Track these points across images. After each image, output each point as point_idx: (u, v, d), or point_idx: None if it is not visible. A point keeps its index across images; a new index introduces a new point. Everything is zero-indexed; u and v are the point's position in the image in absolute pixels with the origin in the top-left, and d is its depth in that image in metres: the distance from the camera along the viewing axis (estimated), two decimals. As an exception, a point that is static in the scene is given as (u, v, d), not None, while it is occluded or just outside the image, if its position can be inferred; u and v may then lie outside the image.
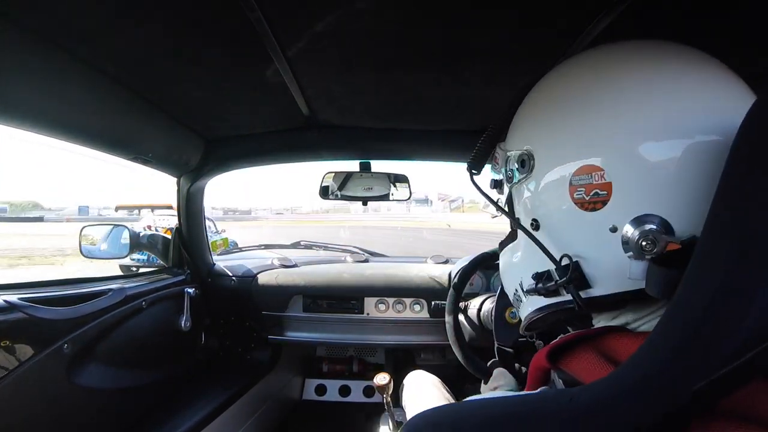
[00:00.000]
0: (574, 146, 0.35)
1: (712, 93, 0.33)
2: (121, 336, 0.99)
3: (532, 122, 0.41)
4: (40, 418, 0.77)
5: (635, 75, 0.35)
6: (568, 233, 0.37)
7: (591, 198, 0.34)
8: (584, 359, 0.34)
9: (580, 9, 0.54)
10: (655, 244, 0.31)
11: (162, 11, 0.57)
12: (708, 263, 0.26)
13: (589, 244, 0.36)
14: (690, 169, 0.31)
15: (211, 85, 0.82)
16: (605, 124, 0.34)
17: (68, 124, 0.76)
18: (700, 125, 0.32)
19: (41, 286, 0.86)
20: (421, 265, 1.58)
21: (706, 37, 0.58)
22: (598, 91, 0.35)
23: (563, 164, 0.36)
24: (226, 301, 1.47)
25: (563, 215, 0.37)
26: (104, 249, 1.31)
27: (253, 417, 1.38)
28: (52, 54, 0.63)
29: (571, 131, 0.36)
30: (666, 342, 0.26)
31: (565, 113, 0.37)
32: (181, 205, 1.32)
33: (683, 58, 0.36)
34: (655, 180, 0.32)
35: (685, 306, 0.26)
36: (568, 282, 0.36)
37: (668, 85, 0.33)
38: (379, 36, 0.63)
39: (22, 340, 0.73)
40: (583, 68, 0.39)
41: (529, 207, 0.40)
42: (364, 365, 1.83)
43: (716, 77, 0.35)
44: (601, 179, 0.33)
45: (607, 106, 0.34)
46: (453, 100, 0.89)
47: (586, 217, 0.35)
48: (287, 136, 1.15)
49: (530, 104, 0.42)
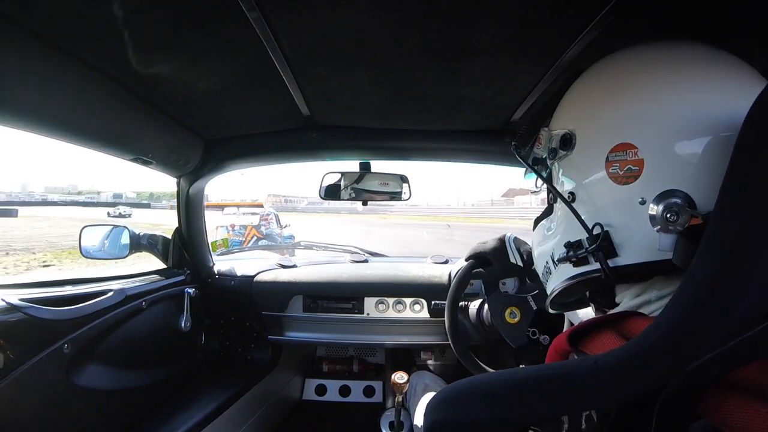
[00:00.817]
0: (613, 127, 0.40)
1: (736, 91, 0.38)
2: (121, 336, 0.99)
3: (576, 107, 0.46)
4: (40, 418, 0.77)
5: (671, 72, 0.40)
6: (602, 205, 0.41)
7: (624, 173, 0.39)
8: (605, 339, 0.37)
9: (580, 9, 0.54)
10: (679, 216, 0.35)
11: (162, 11, 0.57)
12: (714, 241, 0.29)
13: (619, 215, 0.39)
14: (713, 154, 0.35)
15: (211, 85, 0.82)
16: (642, 110, 0.39)
17: (68, 124, 0.76)
18: (723, 119, 0.35)
19: (41, 286, 0.86)
20: (421, 265, 1.58)
21: (708, 33, 0.58)
22: (637, 83, 0.41)
23: (602, 143, 0.40)
24: (226, 302, 1.46)
25: (598, 188, 0.41)
26: (104, 249, 1.31)
27: (253, 417, 1.38)
28: (52, 54, 0.63)
29: (610, 115, 0.41)
30: (678, 310, 0.29)
31: (606, 100, 0.42)
32: (180, 206, 1.32)
33: (712, 58, 0.40)
34: (682, 161, 0.36)
35: (694, 280, 0.29)
36: (598, 249, 0.40)
37: (698, 83, 0.38)
38: (378, 36, 0.63)
39: (23, 340, 0.73)
40: (625, 62, 0.44)
41: (568, 180, 0.45)
42: (364, 365, 1.83)
43: (740, 77, 0.39)
44: (634, 156, 0.38)
45: (645, 96, 0.39)
46: (453, 99, 0.89)
47: (619, 191, 0.39)
48: (287, 137, 1.15)
49: (575, 92, 0.48)
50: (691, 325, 0.28)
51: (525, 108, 0.91)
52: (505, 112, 0.96)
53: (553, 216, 0.49)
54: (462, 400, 0.37)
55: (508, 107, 0.93)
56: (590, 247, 0.41)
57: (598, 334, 0.38)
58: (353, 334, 1.44)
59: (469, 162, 1.23)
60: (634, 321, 0.37)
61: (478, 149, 1.15)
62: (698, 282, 0.29)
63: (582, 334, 0.39)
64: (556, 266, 0.47)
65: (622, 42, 0.62)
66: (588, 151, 0.42)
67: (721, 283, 0.28)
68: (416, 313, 1.40)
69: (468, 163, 1.24)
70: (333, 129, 1.12)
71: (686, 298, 0.30)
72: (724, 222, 0.29)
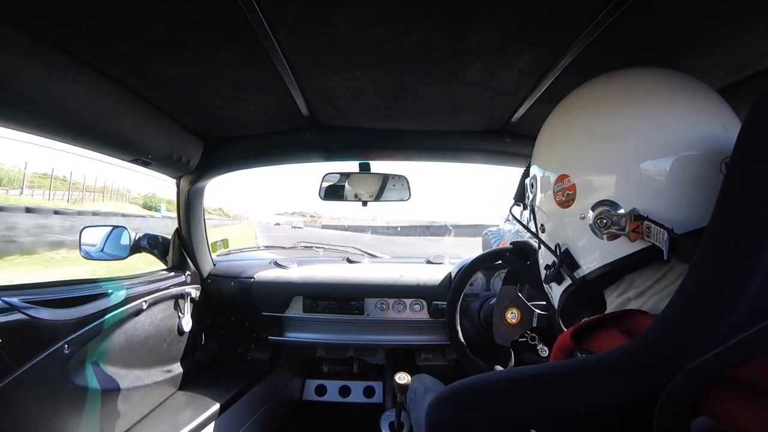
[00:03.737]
0: (555, 165, 0.50)
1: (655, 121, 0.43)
2: (121, 337, 0.99)
3: (534, 157, 0.56)
4: (41, 418, 0.77)
5: (581, 116, 0.49)
6: (559, 228, 0.50)
7: (566, 198, 0.47)
8: (609, 337, 0.38)
9: (580, 9, 0.54)
10: (611, 220, 0.42)
11: (162, 11, 0.57)
12: (715, 242, 0.30)
13: (571, 232, 0.48)
14: (632, 170, 0.43)
15: (211, 85, 0.82)
16: (571, 146, 0.48)
17: (68, 125, 0.76)
18: (641, 146, 0.43)
19: (42, 287, 0.86)
20: (421, 266, 1.58)
21: (710, 30, 0.58)
22: (567, 129, 0.50)
23: (549, 179, 0.50)
24: (226, 302, 1.46)
25: (554, 215, 0.50)
26: (104, 250, 1.31)
27: (253, 417, 1.38)
28: (52, 55, 0.63)
29: (553, 155, 0.51)
30: (678, 311, 0.30)
31: (549, 144, 0.53)
32: (181, 206, 1.32)
33: (629, 98, 0.46)
34: (608, 178, 0.44)
35: (695, 279, 0.31)
36: (561, 264, 0.49)
37: (606, 123, 0.46)
38: (378, 36, 0.63)
39: (23, 341, 0.73)
40: (559, 110, 0.53)
41: (540, 215, 0.54)
42: (364, 366, 1.83)
43: (657, 110, 0.44)
44: (569, 183, 0.47)
45: (572, 133, 0.49)
46: (452, 100, 0.89)
47: (566, 213, 0.48)
48: (287, 137, 1.15)
49: (537, 142, 0.57)
50: (691, 323, 0.29)
51: (525, 108, 0.91)
52: (505, 112, 0.96)
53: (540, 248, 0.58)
54: (464, 400, 0.38)
55: (508, 108, 0.93)
56: (558, 264, 0.49)
57: (602, 332, 0.39)
58: (353, 334, 1.43)
59: (470, 162, 1.23)
60: (637, 318, 0.38)
61: (478, 149, 1.15)
62: (698, 280, 0.30)
63: (586, 331, 0.39)
64: (551, 290, 0.55)
65: (622, 42, 0.62)
66: (542, 188, 0.52)
67: (721, 282, 0.28)
68: (416, 313, 1.40)
69: (468, 164, 1.24)
70: (333, 129, 1.12)
71: (687, 297, 0.30)
72: (723, 223, 0.30)
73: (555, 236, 0.50)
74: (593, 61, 0.67)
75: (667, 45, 0.62)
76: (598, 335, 0.39)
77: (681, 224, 0.39)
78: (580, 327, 0.40)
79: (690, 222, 0.40)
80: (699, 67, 0.66)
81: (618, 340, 0.36)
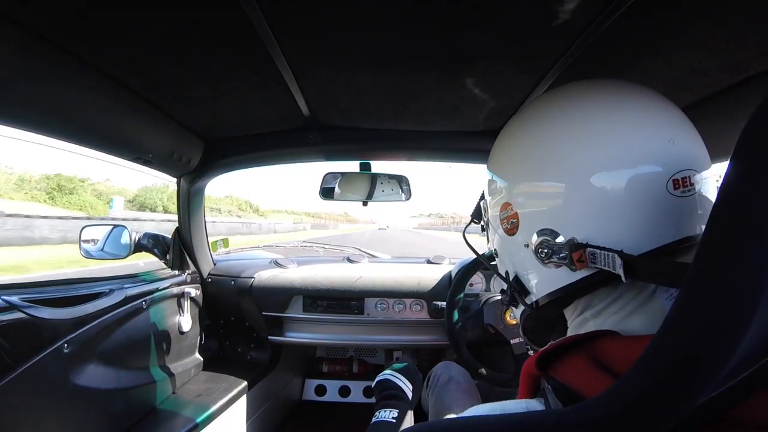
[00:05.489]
0: (497, 194, 0.48)
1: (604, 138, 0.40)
2: (121, 336, 0.99)
3: (485, 178, 0.54)
4: (40, 418, 0.77)
5: (515, 141, 0.47)
6: (507, 254, 0.49)
7: (510, 226, 0.46)
8: (575, 365, 0.35)
9: (580, 11, 0.54)
10: (552, 250, 0.41)
11: (162, 11, 0.57)
12: (699, 289, 0.24)
13: (518, 260, 0.46)
14: (571, 195, 0.40)
15: (211, 85, 0.82)
16: (514, 173, 0.46)
17: (68, 124, 0.76)
18: (578, 170, 0.40)
19: (41, 286, 0.86)
20: (421, 266, 1.58)
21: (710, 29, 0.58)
22: (506, 151, 0.48)
23: (494, 207, 0.49)
24: (226, 302, 1.46)
25: (501, 242, 0.49)
26: (104, 249, 1.31)
27: (253, 417, 1.38)
28: (52, 54, 0.63)
29: (498, 181, 0.49)
30: (651, 368, 0.25)
31: (497, 164, 0.50)
32: (181, 206, 1.32)
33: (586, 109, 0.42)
34: (547, 205, 0.42)
35: (674, 332, 0.24)
36: (511, 289, 0.48)
37: (541, 144, 0.43)
38: (379, 37, 0.63)
39: (22, 340, 0.73)
40: (501, 136, 0.50)
41: (490, 239, 0.54)
42: (364, 366, 1.83)
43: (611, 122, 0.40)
44: (512, 211, 0.45)
45: (517, 164, 0.46)
46: (453, 101, 0.89)
47: (512, 241, 0.46)
48: (287, 137, 1.15)
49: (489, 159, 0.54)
50: (665, 389, 0.24)
51: None
52: (506, 112, 0.96)
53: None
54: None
55: (508, 108, 0.93)
56: (508, 290, 0.49)
57: (568, 358, 0.36)
58: (353, 334, 1.43)
59: (470, 162, 1.23)
60: (606, 342, 0.36)
61: (478, 150, 1.15)
62: (678, 336, 0.24)
63: (551, 357, 0.37)
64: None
65: (621, 43, 0.62)
66: (491, 215, 0.51)
67: (711, 337, 0.22)
68: (416, 313, 1.40)
69: (469, 164, 1.24)
70: (333, 129, 1.12)
71: (663, 353, 0.24)
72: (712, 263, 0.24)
73: (506, 262, 0.50)
74: (593, 62, 0.67)
75: (666, 46, 0.62)
76: (564, 361, 0.36)
77: (628, 248, 0.37)
78: (545, 352, 0.37)
79: (638, 245, 0.37)
80: (699, 68, 0.66)
81: (584, 368, 0.34)
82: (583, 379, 0.33)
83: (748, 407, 0.26)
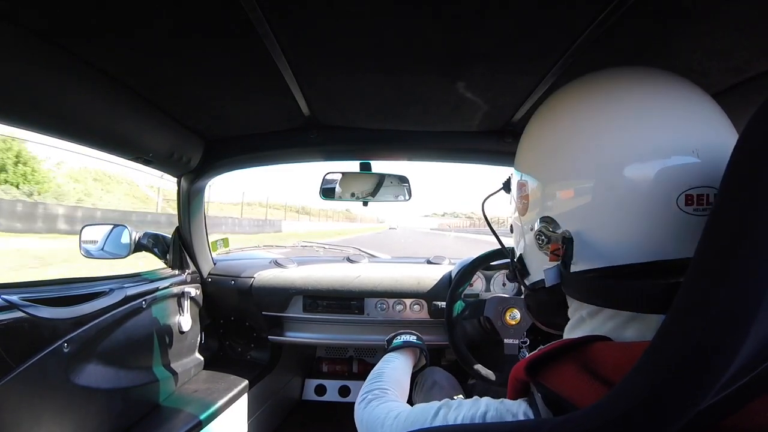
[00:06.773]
0: (520, 168, 0.48)
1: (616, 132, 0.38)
2: (120, 336, 0.99)
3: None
4: (40, 417, 0.77)
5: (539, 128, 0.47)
6: (517, 232, 0.50)
7: (522, 206, 0.46)
8: (565, 372, 0.34)
9: (581, 10, 0.54)
10: (548, 238, 0.40)
11: (162, 11, 0.57)
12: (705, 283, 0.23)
13: (524, 240, 0.48)
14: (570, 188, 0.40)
15: (211, 85, 0.82)
16: (534, 156, 0.46)
17: (68, 124, 0.76)
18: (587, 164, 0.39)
19: (41, 286, 0.86)
20: (421, 266, 1.58)
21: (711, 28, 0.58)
22: (532, 134, 0.48)
23: (515, 183, 0.50)
24: (225, 302, 1.47)
25: (514, 219, 0.50)
26: (105, 249, 1.31)
27: (253, 417, 1.38)
28: (52, 54, 0.63)
29: (519, 158, 0.49)
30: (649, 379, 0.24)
31: (520, 146, 0.50)
32: (181, 205, 1.32)
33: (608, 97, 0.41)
34: (550, 193, 0.42)
35: (669, 344, 0.24)
36: (513, 266, 0.50)
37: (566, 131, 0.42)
38: (379, 37, 0.63)
39: (22, 339, 0.73)
40: (536, 113, 0.49)
41: (509, 214, 0.54)
42: (364, 366, 1.83)
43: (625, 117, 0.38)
44: (525, 192, 0.46)
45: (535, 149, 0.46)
46: (454, 101, 0.89)
47: (521, 220, 0.47)
48: (288, 137, 1.15)
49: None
50: (665, 397, 0.23)
51: (526, 108, 0.91)
52: (507, 112, 0.96)
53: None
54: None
55: (509, 108, 0.93)
56: (511, 267, 0.50)
57: (558, 365, 0.35)
58: (353, 334, 1.43)
59: (470, 162, 1.23)
60: (597, 348, 0.34)
61: (479, 150, 1.15)
62: (673, 349, 0.24)
63: (540, 363, 0.36)
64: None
65: (622, 43, 0.62)
66: (513, 193, 0.51)
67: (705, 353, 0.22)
68: (416, 313, 1.40)
69: (469, 164, 1.24)
70: (334, 129, 1.12)
71: (658, 366, 0.24)
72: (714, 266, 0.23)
73: (516, 238, 0.51)
74: (594, 62, 0.67)
75: (667, 46, 0.62)
76: (554, 368, 0.35)
77: (621, 254, 0.36)
78: (535, 358, 0.36)
79: (632, 254, 0.35)
80: (699, 68, 0.66)
81: (574, 377, 0.33)
82: (573, 387, 0.32)
83: (740, 416, 0.26)
